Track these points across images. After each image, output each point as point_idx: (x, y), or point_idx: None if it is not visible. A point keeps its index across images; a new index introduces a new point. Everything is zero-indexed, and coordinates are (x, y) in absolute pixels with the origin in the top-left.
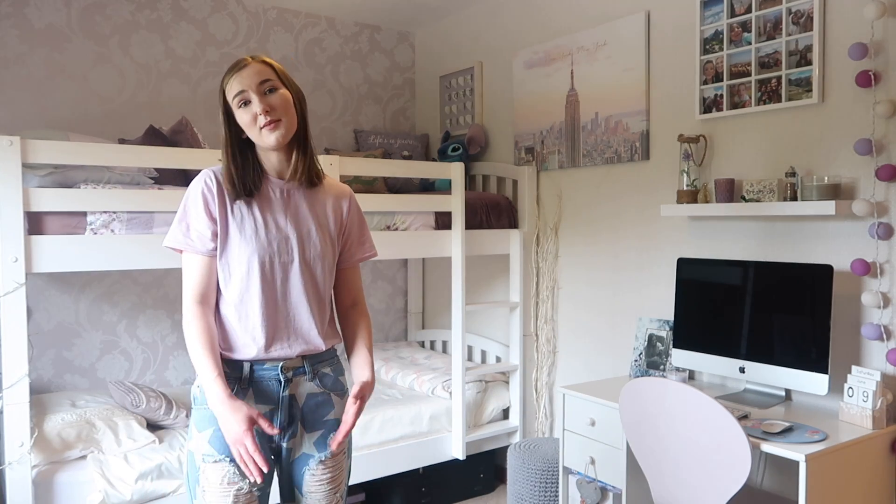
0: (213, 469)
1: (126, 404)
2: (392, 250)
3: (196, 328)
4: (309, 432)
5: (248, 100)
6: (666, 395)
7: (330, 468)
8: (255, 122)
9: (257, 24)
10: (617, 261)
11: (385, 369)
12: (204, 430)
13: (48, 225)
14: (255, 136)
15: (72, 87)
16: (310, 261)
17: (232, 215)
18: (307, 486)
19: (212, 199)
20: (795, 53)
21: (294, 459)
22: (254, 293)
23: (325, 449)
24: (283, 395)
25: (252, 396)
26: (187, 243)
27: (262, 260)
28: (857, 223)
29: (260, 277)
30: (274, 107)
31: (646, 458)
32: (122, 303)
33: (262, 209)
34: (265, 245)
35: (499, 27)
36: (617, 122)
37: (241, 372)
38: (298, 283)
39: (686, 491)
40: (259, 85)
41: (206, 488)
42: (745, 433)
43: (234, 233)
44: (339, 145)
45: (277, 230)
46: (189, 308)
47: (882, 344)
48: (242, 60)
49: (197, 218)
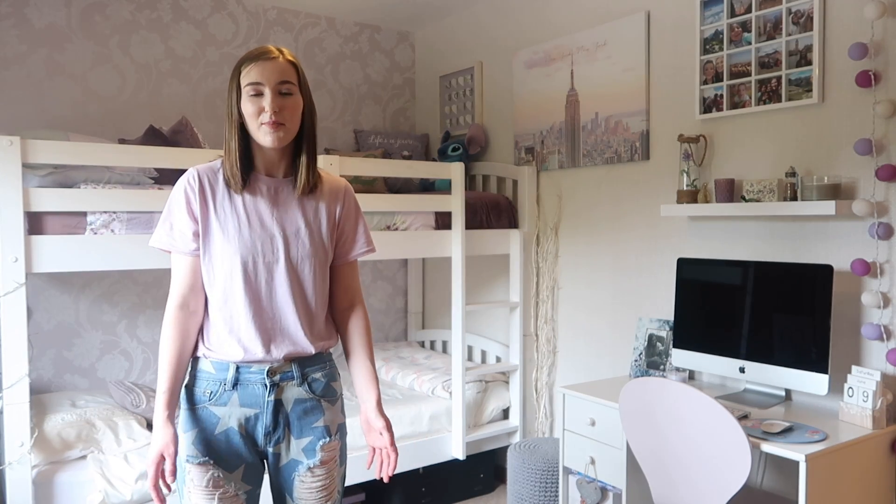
0: (197, 470)
1: (126, 404)
2: (392, 250)
3: (168, 335)
4: (297, 438)
5: (261, 92)
6: (666, 395)
7: (320, 476)
8: (258, 115)
9: (257, 24)
10: (617, 261)
11: (385, 369)
12: (187, 432)
13: (48, 225)
14: (254, 129)
15: (72, 87)
16: (296, 261)
17: (215, 213)
18: (297, 492)
19: (193, 197)
20: (795, 53)
21: (282, 465)
22: (237, 294)
23: (314, 456)
24: (269, 399)
25: (237, 400)
26: (171, 243)
27: (244, 260)
28: (857, 223)
29: (243, 278)
30: (284, 109)
31: (646, 458)
32: (122, 303)
33: (247, 206)
34: (248, 244)
35: (499, 27)
36: (617, 122)
37: (226, 374)
38: (284, 283)
39: (686, 491)
40: (278, 84)
41: (192, 489)
42: (745, 433)
43: (217, 232)
44: (339, 145)
45: (262, 228)
46: (168, 311)
47: (882, 344)
48: (269, 51)
49: (179, 217)
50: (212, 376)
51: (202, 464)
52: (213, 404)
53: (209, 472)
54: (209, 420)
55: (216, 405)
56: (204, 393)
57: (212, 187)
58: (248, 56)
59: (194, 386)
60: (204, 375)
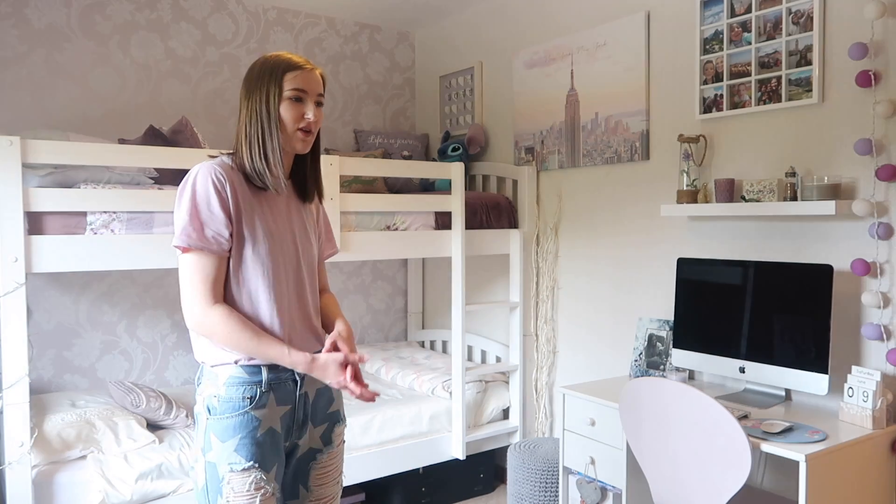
0: (241, 477)
1: (126, 404)
2: (392, 250)
3: (235, 321)
4: (315, 427)
5: (303, 99)
6: (666, 395)
7: (335, 459)
8: (297, 121)
9: (257, 24)
10: (617, 261)
11: (385, 369)
12: (228, 440)
13: (48, 225)
14: (289, 134)
15: (72, 87)
16: (308, 259)
17: (245, 213)
18: (313, 479)
19: (227, 195)
20: (795, 53)
21: (299, 456)
22: (269, 294)
23: (331, 442)
24: (300, 393)
25: (274, 401)
26: (203, 243)
27: (274, 260)
28: (857, 223)
29: (273, 277)
30: (318, 121)
31: (646, 458)
32: (122, 303)
33: (269, 207)
34: (276, 245)
35: (499, 27)
36: (617, 122)
37: (260, 376)
38: (302, 281)
39: (686, 491)
40: (317, 95)
41: (231, 498)
42: (745, 433)
43: (249, 232)
44: (339, 145)
45: (282, 229)
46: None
47: (882, 344)
48: (307, 62)
49: (211, 216)
50: (246, 380)
51: (246, 469)
52: (254, 408)
53: (251, 476)
54: (251, 424)
55: (257, 408)
56: (244, 399)
57: (239, 186)
58: (291, 64)
59: (229, 394)
60: (237, 381)
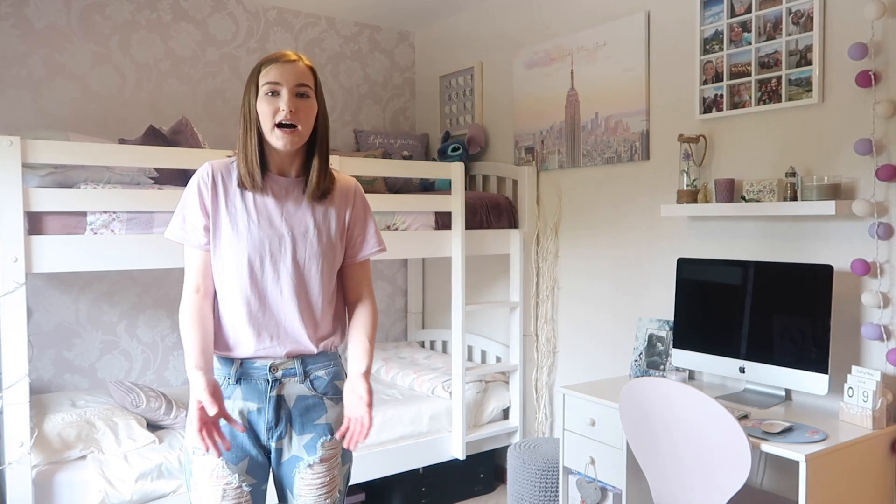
0: (203, 462)
1: (126, 404)
2: (392, 250)
3: (188, 313)
4: (298, 435)
5: (278, 92)
6: (666, 395)
7: (320, 473)
8: (273, 116)
9: (257, 24)
10: (617, 261)
11: (385, 369)
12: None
13: (48, 225)
14: (267, 130)
15: (72, 87)
16: (303, 261)
17: (226, 210)
18: (297, 488)
19: (206, 192)
20: (795, 53)
21: (284, 461)
22: (244, 291)
23: (315, 453)
24: (271, 395)
25: (240, 394)
26: (184, 236)
27: (251, 257)
28: (857, 223)
29: (249, 275)
30: (299, 111)
31: (646, 458)
32: (122, 303)
33: (257, 205)
34: (256, 242)
35: (499, 27)
36: (617, 122)
37: (230, 368)
38: (289, 282)
39: (686, 491)
40: (295, 85)
41: (198, 480)
42: (745, 433)
43: (226, 228)
44: (339, 145)
45: (271, 227)
46: (186, 296)
47: (882, 344)
48: (289, 55)
49: (192, 211)
50: (219, 370)
51: (207, 455)
52: None
53: (214, 464)
54: None
55: None
56: None
57: (224, 183)
58: (268, 58)
59: None
60: (216, 370)
